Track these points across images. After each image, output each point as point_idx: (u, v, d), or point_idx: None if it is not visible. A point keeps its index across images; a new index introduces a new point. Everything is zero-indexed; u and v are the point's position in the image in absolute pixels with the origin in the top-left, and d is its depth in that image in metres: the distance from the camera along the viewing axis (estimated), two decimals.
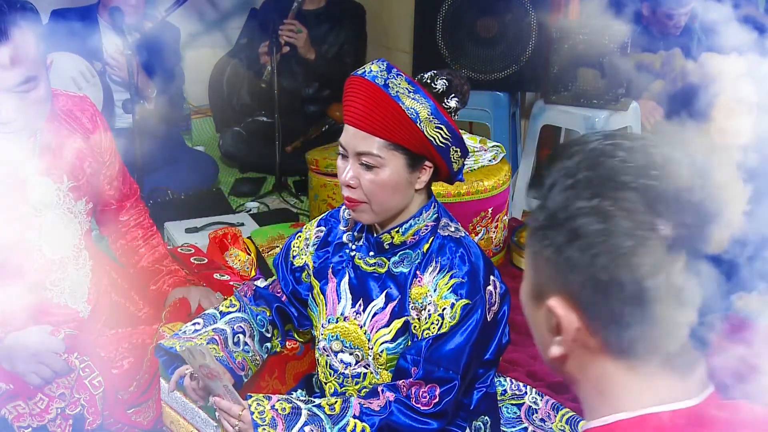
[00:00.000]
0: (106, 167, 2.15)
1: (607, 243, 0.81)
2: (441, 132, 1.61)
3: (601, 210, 0.82)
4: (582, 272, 0.84)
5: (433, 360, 1.62)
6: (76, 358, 2.01)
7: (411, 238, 1.71)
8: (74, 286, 2.09)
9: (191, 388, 1.75)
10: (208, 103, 4.49)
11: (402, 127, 1.59)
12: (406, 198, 1.68)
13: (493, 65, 3.74)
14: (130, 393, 2.07)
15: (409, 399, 1.63)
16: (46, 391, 1.97)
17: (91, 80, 3.24)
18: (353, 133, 1.63)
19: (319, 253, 1.85)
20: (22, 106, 1.85)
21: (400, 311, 1.70)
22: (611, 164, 0.84)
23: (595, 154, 0.86)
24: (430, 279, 1.67)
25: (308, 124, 4.21)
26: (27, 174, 1.97)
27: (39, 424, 1.96)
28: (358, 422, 1.61)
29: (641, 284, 0.81)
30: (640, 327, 0.83)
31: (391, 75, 1.60)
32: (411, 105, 1.58)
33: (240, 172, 4.27)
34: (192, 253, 2.59)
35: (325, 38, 4.12)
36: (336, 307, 1.78)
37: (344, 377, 1.78)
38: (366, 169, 1.63)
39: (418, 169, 1.65)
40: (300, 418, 1.60)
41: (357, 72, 1.63)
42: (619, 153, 0.85)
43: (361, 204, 1.66)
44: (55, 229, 2.03)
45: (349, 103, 1.63)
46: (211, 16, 4.57)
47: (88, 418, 2.01)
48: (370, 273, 1.75)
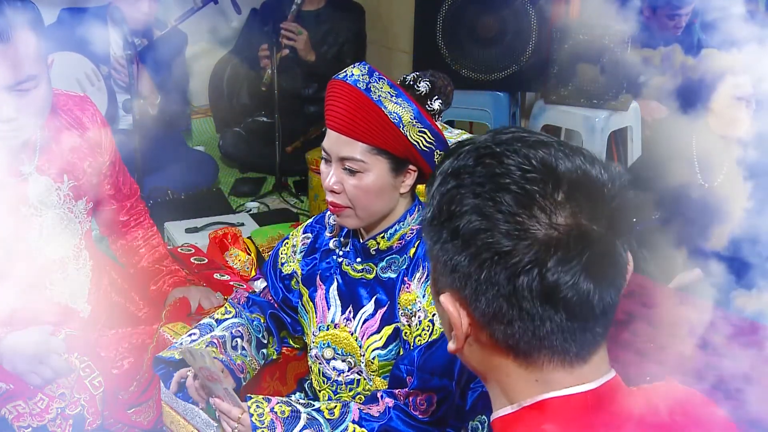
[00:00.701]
0: (107, 167, 2.15)
1: (484, 242, 0.84)
2: (424, 136, 1.60)
3: (480, 210, 0.85)
4: (463, 269, 0.87)
5: (427, 369, 1.61)
6: (76, 358, 2.01)
7: (397, 243, 1.70)
8: (74, 286, 2.09)
9: (194, 388, 1.75)
10: (208, 103, 4.49)
11: (385, 132, 1.57)
12: (390, 202, 1.67)
13: (493, 65, 3.74)
14: (130, 393, 2.07)
15: (408, 407, 1.62)
16: (46, 391, 1.97)
17: (96, 83, 3.22)
18: (336, 138, 1.61)
19: (306, 260, 1.84)
20: (22, 104, 1.84)
21: (390, 318, 1.69)
22: (493, 166, 0.87)
23: (479, 154, 0.89)
24: (418, 285, 1.66)
25: (308, 124, 4.21)
26: (27, 173, 1.97)
27: (39, 424, 1.95)
28: (357, 427, 1.60)
29: (515, 282, 0.84)
30: (520, 323, 0.86)
31: (372, 79, 1.58)
32: (393, 109, 1.57)
33: (240, 172, 4.27)
34: (192, 253, 2.58)
35: (324, 39, 4.12)
36: (326, 314, 1.77)
37: (338, 384, 1.77)
38: (349, 174, 1.61)
39: (402, 173, 1.64)
40: (299, 421, 1.59)
41: (338, 75, 1.61)
42: (504, 153, 0.88)
43: (346, 209, 1.64)
44: (55, 229, 2.02)
45: (331, 107, 1.61)
46: (211, 15, 4.56)
47: (88, 418, 2.01)
48: (359, 279, 1.74)
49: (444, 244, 0.88)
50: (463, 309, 0.90)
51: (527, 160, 0.86)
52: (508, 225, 0.84)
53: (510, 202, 0.84)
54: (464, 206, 0.86)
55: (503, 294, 0.85)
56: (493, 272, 0.85)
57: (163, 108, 3.49)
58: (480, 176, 0.87)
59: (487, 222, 0.85)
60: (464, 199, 0.87)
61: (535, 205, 0.84)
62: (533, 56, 3.68)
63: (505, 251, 0.84)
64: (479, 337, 0.91)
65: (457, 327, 0.91)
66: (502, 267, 0.84)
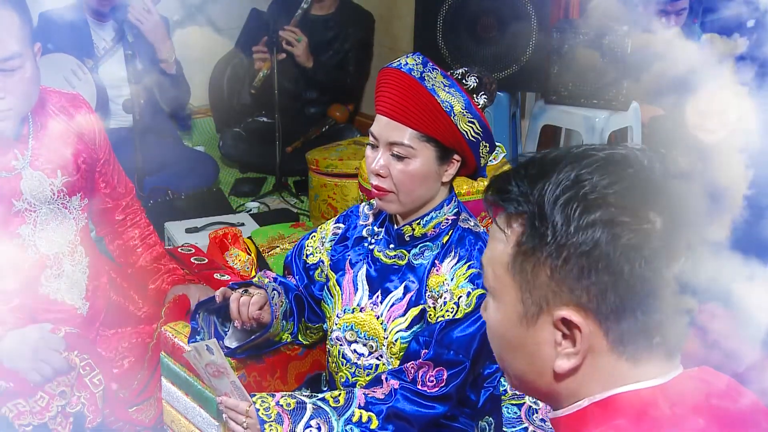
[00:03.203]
0: (101, 164, 2.15)
1: (611, 244, 0.84)
2: (473, 126, 1.64)
3: (605, 220, 0.85)
4: (593, 277, 0.85)
5: (444, 343, 1.64)
6: (76, 356, 2.01)
7: (431, 231, 1.73)
8: (70, 282, 2.09)
9: (237, 302, 1.75)
10: (209, 103, 4.49)
11: (436, 120, 1.61)
12: (432, 190, 1.70)
13: (493, 65, 3.73)
14: (130, 391, 2.07)
15: (415, 383, 1.64)
16: (46, 389, 1.97)
17: (83, 78, 3.24)
18: (386, 123, 1.65)
19: (337, 247, 1.87)
20: (9, 85, 1.86)
21: (417, 300, 1.72)
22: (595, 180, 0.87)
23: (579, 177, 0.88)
24: (448, 268, 1.69)
25: (308, 124, 4.21)
26: (20, 168, 1.98)
27: (39, 422, 1.95)
28: (364, 412, 1.62)
29: (644, 275, 0.84)
30: (644, 317, 0.86)
31: (427, 68, 1.63)
32: (446, 98, 1.61)
33: (240, 172, 4.28)
34: (192, 253, 2.58)
35: (330, 45, 4.13)
36: (352, 297, 1.79)
37: (357, 367, 1.78)
38: (396, 159, 1.65)
39: (447, 162, 1.68)
40: (305, 412, 1.61)
41: (392, 64, 1.66)
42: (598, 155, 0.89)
43: (389, 194, 1.68)
44: (49, 224, 2.03)
45: (383, 93, 1.65)
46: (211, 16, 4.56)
47: (89, 416, 2.01)
48: (390, 265, 1.76)
49: (567, 258, 0.87)
50: (588, 317, 0.88)
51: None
52: (630, 219, 0.85)
53: (627, 194, 0.86)
54: (589, 220, 0.86)
55: (637, 289, 0.85)
56: (624, 267, 0.85)
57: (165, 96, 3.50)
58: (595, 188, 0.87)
59: (613, 227, 0.85)
60: (587, 214, 0.86)
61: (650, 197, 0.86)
62: (533, 56, 3.67)
63: (633, 245, 0.84)
64: (596, 344, 0.89)
65: (584, 338, 0.88)
66: (628, 260, 0.85)
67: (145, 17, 3.37)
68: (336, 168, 3.40)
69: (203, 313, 1.84)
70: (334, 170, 3.40)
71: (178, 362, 1.97)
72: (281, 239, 3.17)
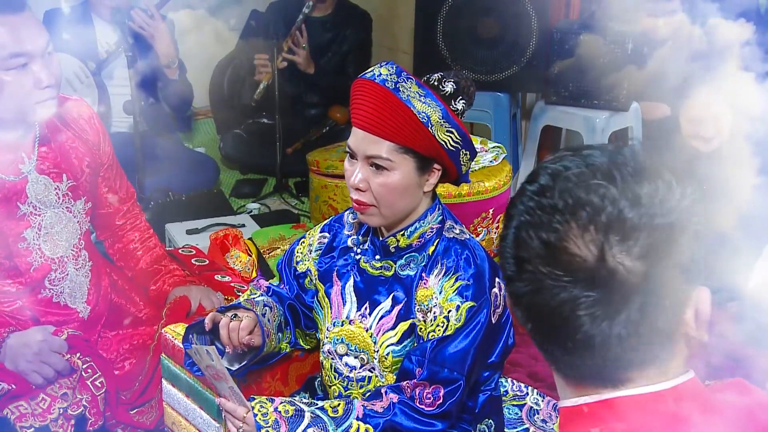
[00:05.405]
0: (104, 169, 2.16)
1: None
2: (452, 135, 1.60)
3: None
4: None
5: (437, 361, 1.61)
6: (78, 358, 2.01)
7: (417, 241, 1.70)
8: (74, 286, 2.09)
9: (227, 328, 1.71)
10: (209, 105, 4.50)
11: (413, 131, 1.58)
12: (414, 201, 1.67)
13: (493, 66, 3.74)
14: (132, 393, 2.07)
15: (413, 400, 1.62)
16: (48, 391, 1.97)
17: (85, 81, 3.24)
18: (363, 136, 1.62)
19: (324, 258, 1.84)
20: (51, 72, 1.90)
21: (406, 314, 1.70)
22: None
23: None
24: (436, 281, 1.66)
25: (309, 126, 4.21)
26: (26, 172, 1.98)
27: (41, 424, 1.96)
28: (362, 424, 1.60)
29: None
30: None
31: (401, 78, 1.59)
32: (422, 109, 1.57)
33: (241, 174, 4.28)
34: (193, 254, 2.59)
35: (329, 46, 4.12)
36: (341, 310, 1.78)
37: (349, 380, 1.77)
38: (375, 172, 1.62)
39: (427, 172, 1.65)
40: (303, 420, 1.59)
41: (365, 75, 1.62)
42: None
43: (370, 207, 1.65)
44: (54, 228, 2.03)
45: (358, 106, 1.61)
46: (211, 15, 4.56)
47: (90, 418, 2.01)
48: (377, 277, 1.74)
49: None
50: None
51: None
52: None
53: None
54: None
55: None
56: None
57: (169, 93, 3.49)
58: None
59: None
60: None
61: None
62: (534, 57, 3.68)
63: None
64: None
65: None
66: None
67: (148, 24, 3.32)
68: (336, 169, 3.40)
69: (196, 334, 1.79)
70: (335, 171, 3.40)
71: (178, 364, 1.97)
72: (282, 240, 3.16)
